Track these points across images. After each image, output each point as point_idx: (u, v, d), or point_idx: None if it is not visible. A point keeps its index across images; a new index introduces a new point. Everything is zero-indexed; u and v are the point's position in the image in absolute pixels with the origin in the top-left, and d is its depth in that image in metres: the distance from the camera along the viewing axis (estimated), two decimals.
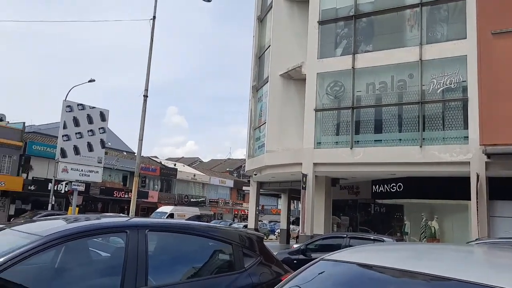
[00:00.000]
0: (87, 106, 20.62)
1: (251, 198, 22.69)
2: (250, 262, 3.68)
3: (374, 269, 1.98)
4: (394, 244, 3.34)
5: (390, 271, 1.91)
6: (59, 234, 2.98)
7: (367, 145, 15.44)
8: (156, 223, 3.68)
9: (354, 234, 11.94)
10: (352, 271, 2.04)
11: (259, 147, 19.96)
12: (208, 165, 68.92)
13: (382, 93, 15.63)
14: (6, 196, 31.54)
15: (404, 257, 2.14)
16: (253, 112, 21.32)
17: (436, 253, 2.20)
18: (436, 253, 2.20)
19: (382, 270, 1.95)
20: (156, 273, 3.28)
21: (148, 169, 43.00)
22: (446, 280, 1.71)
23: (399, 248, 2.53)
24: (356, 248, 2.45)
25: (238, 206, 57.20)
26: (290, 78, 18.69)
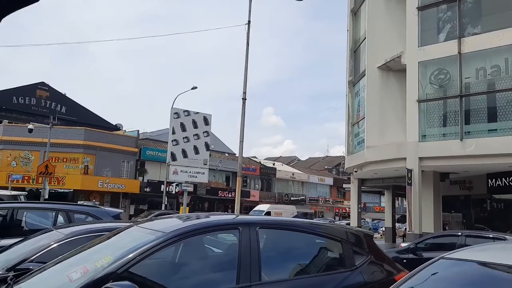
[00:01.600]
0: (192, 112, 22.04)
1: (352, 195, 22.19)
2: (360, 260, 3.65)
3: (499, 268, 1.86)
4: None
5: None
6: (181, 230, 3.24)
7: (479, 135, 14.17)
8: (265, 220, 3.84)
9: (470, 232, 10.95)
10: (474, 270, 1.94)
11: (359, 143, 19.45)
12: (306, 164, 68.97)
13: (495, 78, 14.21)
14: (126, 197, 35.07)
15: None
16: (350, 107, 20.84)
17: None
18: None
19: (507, 270, 1.82)
20: (268, 269, 3.38)
21: (248, 169, 44.42)
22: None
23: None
24: (477, 246, 2.31)
25: (338, 204, 56.29)
26: (388, 69, 17.91)
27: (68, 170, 32.09)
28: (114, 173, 33.69)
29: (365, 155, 17.80)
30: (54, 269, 3.28)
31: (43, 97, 42.08)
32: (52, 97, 42.93)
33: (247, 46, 15.56)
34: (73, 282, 2.77)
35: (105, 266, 2.84)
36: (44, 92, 42.23)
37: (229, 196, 40.00)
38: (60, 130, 31.60)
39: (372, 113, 17.94)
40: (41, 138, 29.99)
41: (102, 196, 33.21)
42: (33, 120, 33.49)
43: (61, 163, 31.73)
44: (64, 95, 44.46)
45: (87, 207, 7.42)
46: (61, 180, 30.56)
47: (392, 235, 24.11)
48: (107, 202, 32.71)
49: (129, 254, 2.92)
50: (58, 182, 29.95)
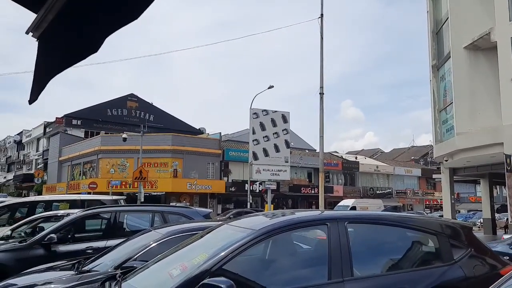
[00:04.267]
0: (270, 111, 22.32)
1: (443, 186, 20.88)
2: (459, 254, 3.45)
3: None
4: None
5: None
6: (270, 227, 3.32)
7: None
8: (353, 215, 3.79)
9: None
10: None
11: (448, 130, 18.24)
12: (390, 155, 66.27)
13: None
14: (213, 197, 36.54)
15: None
16: (435, 93, 19.62)
17: None
18: None
19: None
20: (360, 264, 3.33)
21: (330, 164, 43.83)
22: None
23: None
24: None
25: (429, 196, 53.26)
26: (476, 49, 16.57)
27: (159, 174, 34.24)
28: (201, 174, 35.24)
29: (455, 143, 16.68)
30: (156, 266, 3.54)
31: (133, 108, 45.45)
32: (140, 107, 46.21)
33: (321, 40, 15.38)
34: (174, 278, 2.98)
35: (201, 263, 3.00)
36: (133, 103, 45.60)
37: (312, 192, 39.81)
38: (150, 137, 33.84)
39: (460, 97, 16.74)
40: (134, 146, 32.36)
41: (191, 197, 34.95)
42: (126, 129, 36.37)
43: (153, 168, 33.94)
44: (151, 104, 47.60)
45: (180, 208, 7.89)
46: (154, 183, 32.67)
47: (492, 226, 22.31)
48: (196, 203, 34.33)
49: (222, 251, 3.05)
50: (151, 186, 32.06)
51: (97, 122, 43.44)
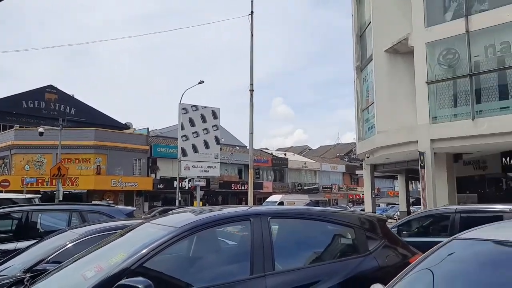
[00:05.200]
0: (200, 107, 22.05)
1: (365, 181, 22.08)
2: (374, 245, 3.62)
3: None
4: None
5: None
6: (192, 224, 3.26)
7: (491, 114, 13.92)
8: (276, 210, 3.82)
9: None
10: (491, 249, 1.89)
11: (369, 129, 19.28)
12: (317, 152, 68.80)
13: (505, 55, 13.90)
14: (139, 195, 35.43)
15: None
16: (359, 93, 20.65)
17: None
18: None
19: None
20: (281, 258, 3.38)
21: (260, 160, 44.47)
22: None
23: None
24: (492, 225, 2.25)
25: (352, 191, 56.16)
26: (396, 52, 17.66)
27: (81, 171, 32.49)
28: (126, 171, 33.98)
29: (376, 140, 17.66)
30: (69, 268, 3.32)
31: (52, 100, 42.49)
32: (60, 99, 43.32)
33: (252, 37, 15.48)
34: (88, 280, 2.81)
35: (119, 263, 2.87)
36: (52, 95, 42.64)
37: (242, 188, 40.14)
38: (70, 132, 31.95)
39: (381, 97, 17.75)
40: (53, 141, 30.35)
41: (116, 195, 33.58)
42: (43, 123, 33.91)
43: (74, 164, 32.11)
44: (72, 96, 44.85)
45: (100, 207, 7.49)
46: (75, 181, 30.95)
47: None
48: (121, 201, 33.08)
49: (142, 250, 2.94)
50: (71, 184, 30.35)
51: (10, 115, 40.04)
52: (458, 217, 7.19)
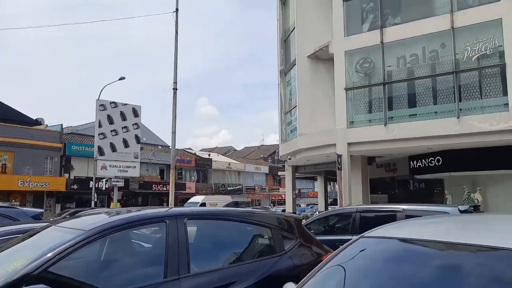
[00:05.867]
0: (119, 104, 21.11)
1: (287, 182, 22.68)
2: (290, 245, 3.69)
3: (419, 243, 1.93)
4: (438, 217, 3.24)
5: (436, 245, 1.85)
6: (101, 227, 3.07)
7: (401, 120, 15.02)
8: (194, 212, 3.74)
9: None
10: (395, 247, 1.99)
11: (292, 131, 19.83)
12: (242, 153, 69.41)
13: (414, 66, 15.10)
14: (51, 196, 33.01)
15: (450, 229, 2.07)
16: (282, 96, 21.16)
17: (483, 224, 2.11)
18: (483, 224, 2.11)
19: (427, 244, 1.90)
20: (198, 260, 3.35)
21: (183, 161, 43.76)
22: (494, 250, 1.65)
23: (444, 221, 2.45)
24: (396, 223, 2.38)
25: (274, 192, 57.44)
26: (317, 58, 18.37)
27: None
28: (36, 171, 31.51)
29: (297, 143, 18.19)
30: None
31: None
32: None
33: (176, 34, 15.16)
34: None
35: (18, 269, 2.65)
36: None
37: (164, 189, 39.16)
38: None
39: (303, 101, 18.33)
40: None
41: (23, 196, 30.99)
42: None
43: None
44: None
45: (2, 209, 6.80)
46: None
47: None
48: (30, 202, 30.60)
49: (45, 255, 2.73)
50: None
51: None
52: (358, 216, 7.58)
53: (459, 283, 1.67)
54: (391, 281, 1.85)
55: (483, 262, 1.68)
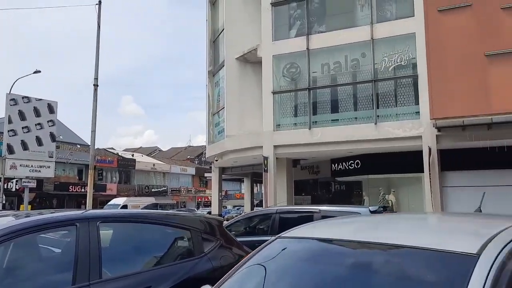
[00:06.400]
0: (33, 99, 19.55)
1: (213, 184, 22.55)
2: (209, 247, 3.62)
3: (331, 242, 1.98)
4: (350, 217, 3.37)
5: (348, 244, 1.90)
6: (4, 231, 2.81)
7: (324, 125, 15.62)
8: (108, 214, 3.54)
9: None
10: (309, 246, 2.02)
11: (219, 133, 19.77)
12: (168, 154, 67.91)
13: (337, 73, 15.80)
14: None
15: (361, 229, 2.14)
16: (210, 97, 21.04)
17: (391, 223, 2.22)
18: (391, 223, 2.22)
19: (338, 243, 1.95)
20: (112, 265, 3.19)
21: (104, 161, 41.79)
22: (399, 248, 1.73)
23: (354, 221, 2.55)
24: (313, 223, 2.43)
25: (201, 193, 56.96)
26: (246, 61, 18.52)
27: None
28: None
29: (225, 144, 18.17)
30: None
31: None
32: None
33: (98, 28, 14.42)
34: None
35: None
36: None
37: (82, 190, 37.00)
38: None
39: (231, 103, 18.36)
40: None
41: None
42: None
43: None
44: None
45: None
46: None
47: None
48: None
49: None
50: None
51: None
52: (278, 217, 7.74)
53: (367, 280, 1.72)
54: (304, 280, 1.87)
55: (388, 260, 1.76)
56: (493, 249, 1.53)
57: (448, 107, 12.99)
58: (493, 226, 1.84)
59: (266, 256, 2.07)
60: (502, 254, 1.50)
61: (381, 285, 1.67)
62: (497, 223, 1.95)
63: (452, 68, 13.10)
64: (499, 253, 1.51)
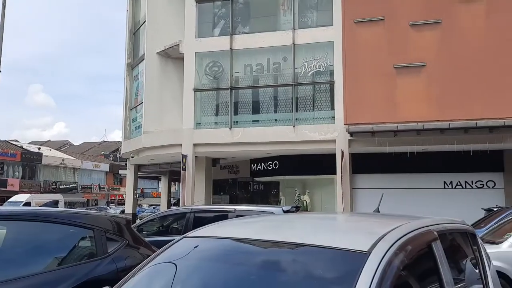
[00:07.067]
0: None
1: (128, 182, 21.70)
2: (114, 247, 3.42)
3: (237, 241, 1.98)
4: (261, 217, 3.42)
5: (252, 242, 1.91)
6: None
7: (245, 125, 15.79)
8: (1, 212, 3.19)
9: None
10: (216, 246, 2.02)
11: (136, 128, 19.08)
12: (80, 149, 63.98)
13: (259, 75, 16.05)
14: None
15: (266, 228, 2.17)
16: (128, 91, 20.22)
17: (296, 222, 2.27)
18: (296, 222, 2.27)
19: (244, 242, 1.95)
20: (2, 268, 2.87)
21: (6, 154, 38.31)
22: (300, 246, 1.77)
23: (263, 220, 2.58)
24: (220, 222, 2.42)
25: (115, 191, 54.59)
26: (168, 56, 18.08)
27: None
28: None
29: (142, 141, 17.59)
30: None
31: None
32: None
33: (3, 9, 13.13)
34: None
35: None
36: None
37: None
38: None
39: (150, 98, 17.83)
40: None
41: None
42: None
43: None
44: None
45: None
46: None
47: None
48: None
49: None
50: None
51: None
52: (192, 216, 7.65)
53: (267, 277, 1.75)
54: (207, 280, 1.88)
55: (288, 257, 1.81)
56: (383, 246, 1.65)
57: (360, 114, 13.83)
58: (386, 225, 1.97)
59: (170, 256, 2.02)
60: (391, 251, 1.62)
61: (280, 282, 1.71)
62: (390, 222, 2.09)
63: (365, 77, 13.97)
64: (387, 250, 1.62)
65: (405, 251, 1.66)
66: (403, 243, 1.70)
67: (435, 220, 2.21)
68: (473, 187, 14.73)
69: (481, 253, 2.58)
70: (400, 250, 1.64)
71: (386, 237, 1.72)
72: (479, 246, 2.62)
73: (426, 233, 1.93)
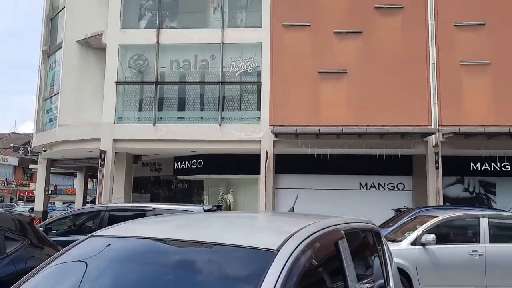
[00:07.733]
0: None
1: (39, 177, 20.17)
2: (14, 247, 3.13)
3: (147, 241, 1.93)
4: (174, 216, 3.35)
5: (163, 241, 1.87)
6: None
7: (170, 122, 15.46)
8: None
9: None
10: (121, 245, 1.94)
11: (51, 120, 17.81)
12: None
13: (186, 71, 15.81)
14: None
15: (180, 227, 2.13)
16: (43, 80, 18.81)
17: (211, 221, 2.25)
18: (211, 221, 2.25)
19: (154, 241, 1.91)
20: None
21: None
22: (212, 245, 1.77)
23: (178, 219, 2.53)
24: (129, 222, 2.33)
25: (24, 187, 50.59)
26: (89, 46, 17.11)
27: None
28: None
29: (56, 134, 16.48)
30: None
31: None
32: None
33: None
34: None
35: None
36: None
37: None
38: None
39: (67, 89, 16.76)
40: None
41: None
42: None
43: None
44: None
45: None
46: None
47: None
48: None
49: None
50: None
51: None
52: (107, 214, 7.46)
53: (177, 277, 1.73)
54: (111, 280, 1.82)
55: (200, 256, 1.80)
56: (290, 245, 1.68)
57: (285, 116, 14.22)
58: (296, 224, 2.02)
59: (74, 256, 1.91)
60: (298, 250, 1.66)
61: (187, 282, 1.69)
62: (300, 221, 2.16)
63: (291, 79, 14.38)
64: (295, 248, 1.66)
65: (313, 248, 1.72)
66: (311, 241, 1.75)
67: (343, 220, 2.32)
68: (385, 188, 15.78)
69: (384, 250, 2.75)
70: (307, 248, 1.69)
71: (295, 236, 1.76)
72: (382, 244, 2.79)
73: (334, 231, 2.01)
